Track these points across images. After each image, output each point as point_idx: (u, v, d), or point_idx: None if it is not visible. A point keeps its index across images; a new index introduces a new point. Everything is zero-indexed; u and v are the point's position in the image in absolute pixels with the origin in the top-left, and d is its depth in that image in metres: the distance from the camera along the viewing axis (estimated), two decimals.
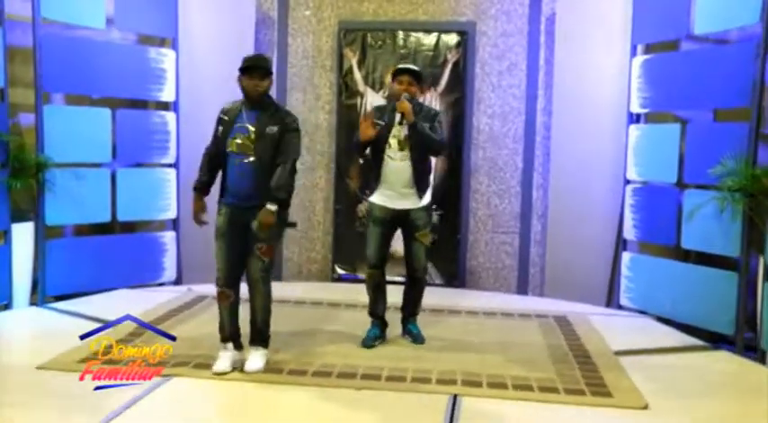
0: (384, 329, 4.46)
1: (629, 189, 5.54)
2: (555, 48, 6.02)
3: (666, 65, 5.29)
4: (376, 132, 4.18)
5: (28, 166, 5.11)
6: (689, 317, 4.94)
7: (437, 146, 4.27)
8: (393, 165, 4.24)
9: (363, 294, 4.48)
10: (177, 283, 6.01)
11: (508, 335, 4.74)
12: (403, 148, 4.21)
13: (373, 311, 4.44)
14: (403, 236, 4.39)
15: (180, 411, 3.38)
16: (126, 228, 5.97)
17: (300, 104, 6.47)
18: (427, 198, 4.34)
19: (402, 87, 4.23)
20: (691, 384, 3.92)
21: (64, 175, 5.29)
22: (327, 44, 6.49)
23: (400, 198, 4.27)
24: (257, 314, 3.85)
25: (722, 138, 4.75)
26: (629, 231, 5.54)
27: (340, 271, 6.44)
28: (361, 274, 5.89)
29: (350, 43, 6.35)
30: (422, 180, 4.28)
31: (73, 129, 5.35)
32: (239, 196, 3.75)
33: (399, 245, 4.59)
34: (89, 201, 5.48)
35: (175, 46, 5.89)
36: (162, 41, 5.97)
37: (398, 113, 4.19)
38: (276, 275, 6.30)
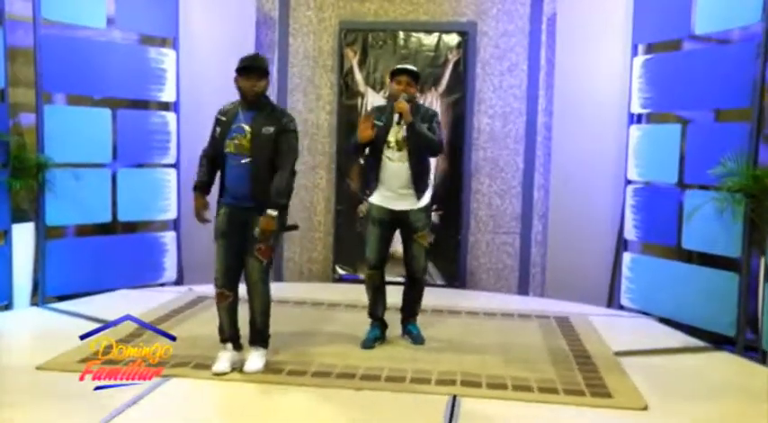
0: (384, 330, 4.46)
1: (629, 189, 5.54)
2: (556, 48, 6.02)
3: (667, 65, 5.28)
4: (374, 133, 4.18)
5: (28, 167, 5.11)
6: (690, 318, 4.93)
7: (434, 146, 4.25)
8: (391, 165, 4.23)
9: (363, 295, 4.48)
10: (178, 284, 6.01)
11: (508, 335, 4.73)
12: (401, 149, 4.21)
13: (373, 312, 4.44)
14: (402, 237, 4.39)
15: (180, 411, 3.38)
16: (126, 228, 5.97)
17: (301, 105, 6.48)
18: (426, 199, 4.33)
19: (400, 87, 4.22)
20: (691, 385, 3.92)
21: (64, 176, 5.30)
22: (328, 44, 6.49)
23: (398, 199, 4.26)
24: (256, 315, 3.85)
25: (723, 138, 4.74)
26: (629, 232, 5.53)
27: (341, 271, 6.43)
28: (361, 275, 5.88)
29: (351, 43, 6.34)
30: (420, 181, 4.27)
31: (73, 129, 5.36)
32: (237, 196, 3.76)
33: (399, 245, 4.58)
34: (90, 201, 5.49)
35: (176, 46, 5.89)
36: (163, 41, 5.98)
37: (396, 114, 4.18)
38: (277, 276, 6.33)
